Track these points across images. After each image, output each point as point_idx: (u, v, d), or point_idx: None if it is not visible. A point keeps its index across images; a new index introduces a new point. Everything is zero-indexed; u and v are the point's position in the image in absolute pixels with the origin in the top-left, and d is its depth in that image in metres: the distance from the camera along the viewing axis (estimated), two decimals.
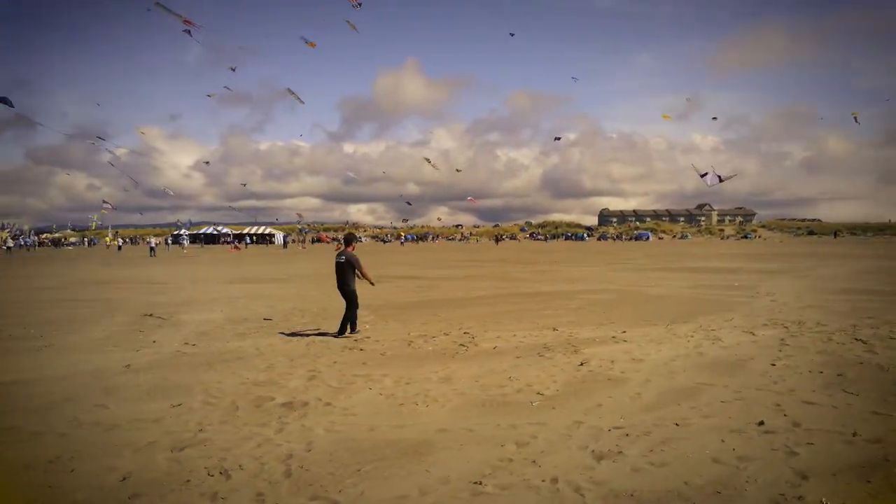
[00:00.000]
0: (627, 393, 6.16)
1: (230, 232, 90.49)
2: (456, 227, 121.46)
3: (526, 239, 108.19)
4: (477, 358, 7.86)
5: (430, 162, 43.37)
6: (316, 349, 8.51)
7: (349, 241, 9.87)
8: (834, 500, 3.72)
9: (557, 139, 58.47)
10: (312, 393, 6.25)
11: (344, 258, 9.51)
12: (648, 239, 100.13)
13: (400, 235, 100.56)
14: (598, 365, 7.35)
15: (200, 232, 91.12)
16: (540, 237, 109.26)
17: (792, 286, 16.94)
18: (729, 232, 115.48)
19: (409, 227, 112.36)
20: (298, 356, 8.03)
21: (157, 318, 11.56)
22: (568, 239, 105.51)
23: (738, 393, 6.10)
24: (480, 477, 4.11)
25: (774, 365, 7.22)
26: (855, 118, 41.78)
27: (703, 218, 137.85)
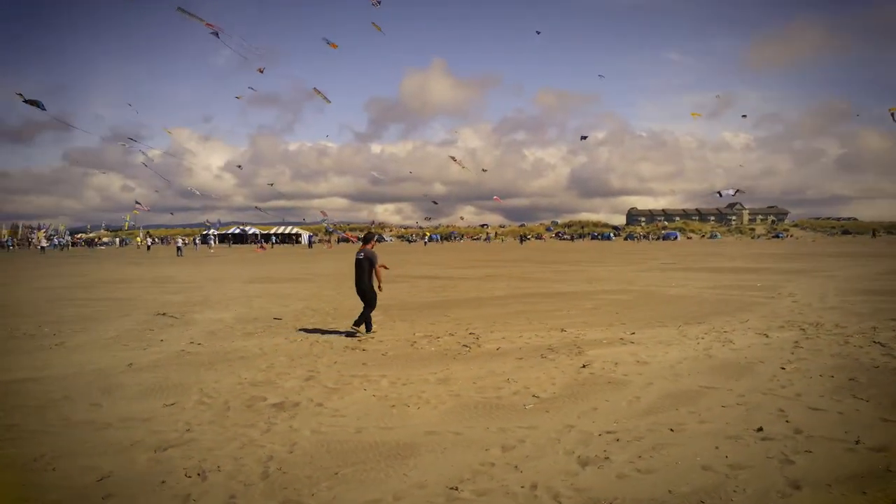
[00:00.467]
0: (626, 396, 6.00)
1: (258, 232, 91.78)
2: (482, 226, 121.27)
3: (552, 238, 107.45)
4: (478, 359, 7.75)
5: (455, 160, 43.20)
6: (319, 349, 8.49)
7: (368, 239, 9.93)
8: None
9: (584, 138, 57.56)
10: (306, 393, 6.22)
11: (363, 255, 9.55)
12: (676, 238, 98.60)
13: (424, 235, 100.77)
14: (600, 367, 7.18)
15: (228, 232, 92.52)
16: (566, 237, 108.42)
17: (817, 287, 16.44)
18: (760, 231, 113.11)
19: (434, 226, 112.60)
20: (300, 356, 8.02)
21: (169, 317, 11.70)
22: (594, 238, 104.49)
23: (741, 397, 5.89)
24: (459, 482, 4.01)
25: (784, 368, 6.97)
26: (893, 115, 40.41)
27: (734, 217, 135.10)
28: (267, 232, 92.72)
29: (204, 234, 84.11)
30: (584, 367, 7.21)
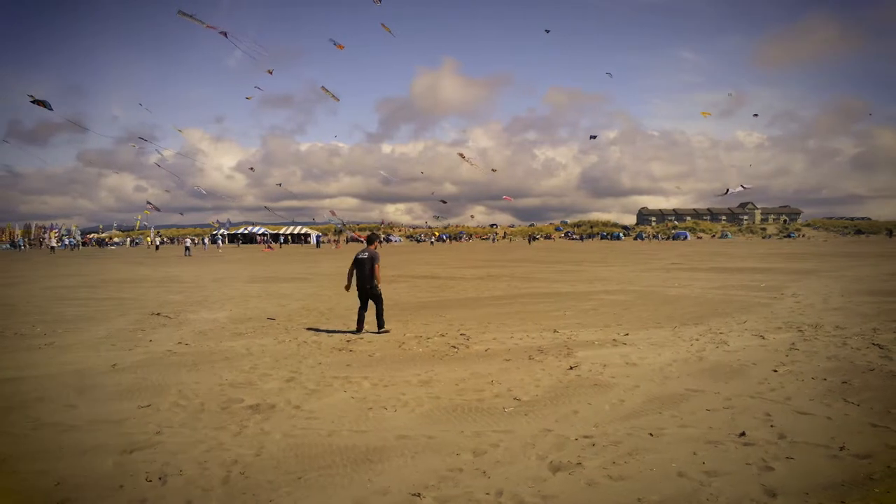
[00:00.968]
0: (610, 399, 5.85)
1: (267, 232, 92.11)
2: (491, 226, 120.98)
3: (561, 238, 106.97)
4: (465, 360, 7.63)
5: (463, 157, 42.94)
6: (306, 350, 8.40)
7: (371, 240, 10.07)
8: None
9: (593, 137, 57.26)
10: (285, 395, 6.12)
11: (367, 254, 9.70)
12: (686, 238, 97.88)
13: (433, 235, 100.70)
14: (588, 369, 7.04)
15: (238, 232, 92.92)
16: (575, 237, 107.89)
17: (822, 287, 16.16)
18: (771, 231, 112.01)
19: (443, 226, 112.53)
20: (285, 357, 7.93)
21: (163, 317, 11.67)
22: (604, 238, 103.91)
23: (728, 401, 5.73)
24: (423, 488, 3.90)
25: (776, 371, 6.79)
26: None
27: (745, 217, 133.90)
28: (276, 232, 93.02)
29: (213, 233, 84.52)
30: (571, 368, 7.07)
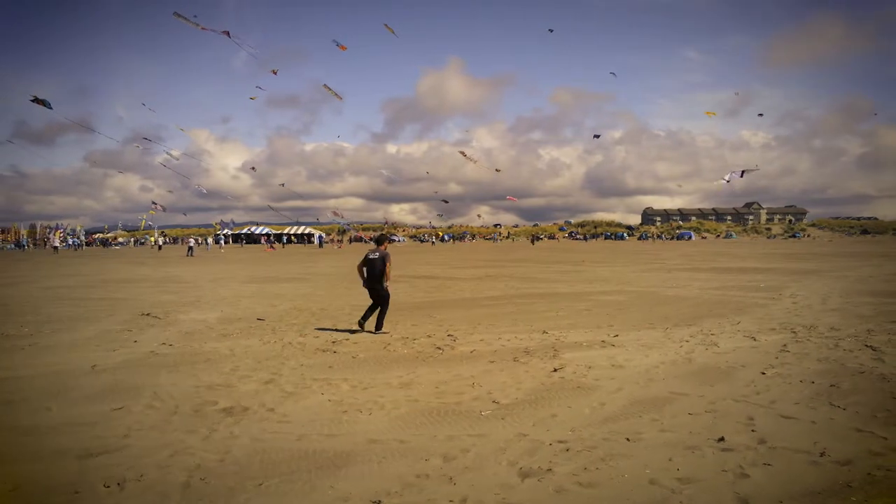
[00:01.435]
0: (591, 403, 5.73)
1: (270, 232, 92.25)
2: (495, 226, 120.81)
3: (565, 238, 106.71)
4: (449, 362, 7.52)
5: (465, 155, 42.72)
6: (290, 351, 8.31)
7: (381, 241, 10.18)
8: None
9: (597, 137, 56.94)
10: (261, 398, 6.02)
11: (377, 254, 9.81)
12: (691, 238, 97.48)
13: (437, 235, 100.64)
14: (572, 371, 6.92)
15: (241, 232, 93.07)
16: (579, 237, 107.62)
17: (822, 288, 15.98)
18: (776, 231, 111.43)
19: (447, 226, 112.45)
20: (268, 358, 7.84)
21: (153, 317, 11.60)
22: (608, 238, 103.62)
23: (711, 404, 5.60)
24: (385, 495, 3.79)
25: (764, 373, 6.65)
26: None
27: (751, 217, 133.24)
28: (279, 232, 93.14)
29: (217, 234, 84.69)
30: (555, 371, 6.95)
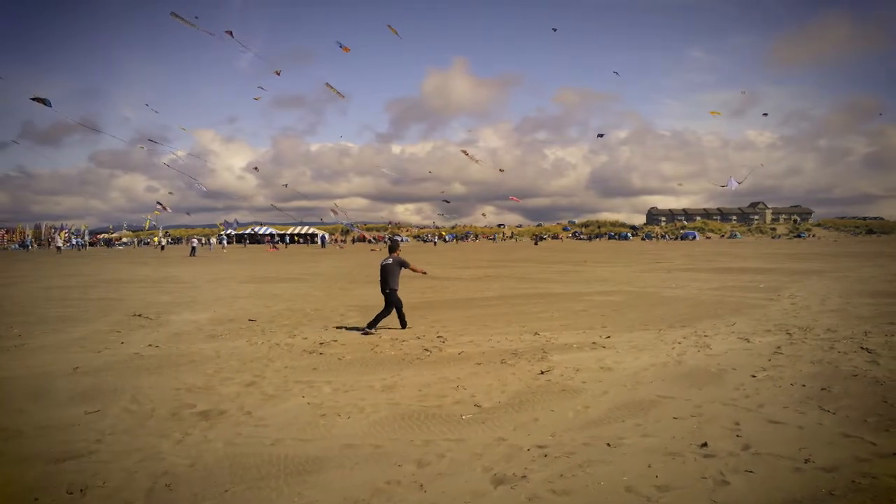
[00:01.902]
0: (575, 406, 5.62)
1: (274, 232, 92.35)
2: (499, 226, 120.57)
3: (568, 238, 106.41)
4: (436, 364, 7.42)
5: (467, 154, 42.56)
6: (276, 353, 8.22)
7: (394, 247, 10.40)
8: None
9: (601, 136, 56.84)
10: (240, 401, 5.93)
11: (391, 260, 10.04)
12: (695, 238, 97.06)
13: (439, 235, 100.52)
14: (559, 374, 6.80)
15: (244, 232, 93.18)
16: (582, 237, 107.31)
17: (822, 288, 15.80)
18: (781, 231, 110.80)
19: (451, 226, 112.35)
20: (253, 360, 7.75)
21: (144, 318, 11.53)
22: (611, 238, 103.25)
23: (698, 408, 5.48)
24: (352, 503, 3.69)
25: (755, 376, 6.52)
26: None
27: (756, 217, 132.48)
28: (283, 232, 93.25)
29: (220, 234, 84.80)
30: (542, 373, 6.84)
